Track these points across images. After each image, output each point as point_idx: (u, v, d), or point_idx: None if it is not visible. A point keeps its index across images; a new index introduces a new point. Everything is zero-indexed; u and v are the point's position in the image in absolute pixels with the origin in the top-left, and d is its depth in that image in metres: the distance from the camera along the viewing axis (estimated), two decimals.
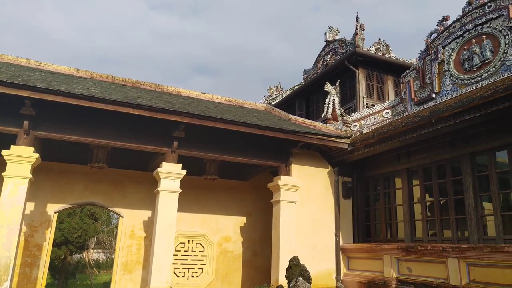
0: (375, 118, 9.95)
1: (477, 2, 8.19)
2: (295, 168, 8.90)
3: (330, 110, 9.78)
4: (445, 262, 6.69)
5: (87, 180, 8.96)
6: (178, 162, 7.78)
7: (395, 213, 8.57)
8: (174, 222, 7.54)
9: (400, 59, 12.78)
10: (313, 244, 8.66)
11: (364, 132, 8.86)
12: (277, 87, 17.57)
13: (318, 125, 9.21)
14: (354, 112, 11.06)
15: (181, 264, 9.47)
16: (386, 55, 12.76)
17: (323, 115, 10.11)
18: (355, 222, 9.28)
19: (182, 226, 9.41)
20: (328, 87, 10.17)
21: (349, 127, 9.33)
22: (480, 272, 6.19)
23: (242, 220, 10.37)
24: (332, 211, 9.07)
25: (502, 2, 7.70)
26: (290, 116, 9.81)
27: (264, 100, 17.03)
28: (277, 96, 17.07)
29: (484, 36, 7.94)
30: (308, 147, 8.95)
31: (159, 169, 7.63)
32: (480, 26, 8.05)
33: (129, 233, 9.06)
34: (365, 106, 12.05)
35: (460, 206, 7.13)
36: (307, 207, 8.82)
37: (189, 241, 9.70)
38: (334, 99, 9.85)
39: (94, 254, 23.85)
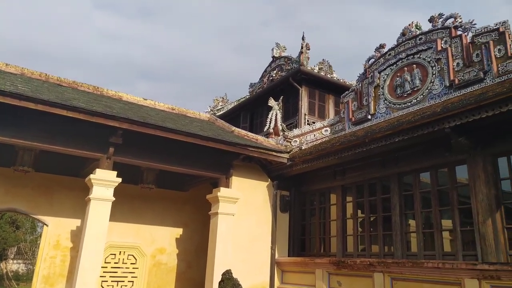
0: (314, 135, 10.29)
1: (410, 33, 8.86)
2: (235, 180, 8.90)
3: (272, 125, 9.97)
4: (372, 276, 7.01)
5: (9, 184, 8.23)
6: (113, 169, 7.44)
7: (329, 228, 8.86)
8: (104, 232, 7.16)
9: (341, 80, 13.42)
10: (249, 257, 8.65)
11: (303, 148, 9.12)
12: (223, 98, 17.61)
13: (260, 138, 9.32)
14: (296, 128, 11.36)
15: (110, 276, 8.98)
16: (328, 75, 13.33)
17: (265, 129, 10.29)
18: (291, 236, 9.44)
19: (114, 236, 8.96)
20: (272, 102, 10.38)
21: (290, 142, 9.55)
22: (402, 286, 6.55)
23: (178, 231, 10.12)
24: (269, 224, 9.16)
25: (432, 36, 8.39)
26: (233, 128, 9.85)
27: (209, 110, 16.97)
28: (223, 107, 17.10)
29: (414, 65, 8.57)
30: (249, 160, 9.01)
31: (91, 176, 7.24)
32: (412, 56, 8.69)
33: (54, 243, 8.44)
34: (306, 123, 12.43)
35: (388, 222, 7.54)
36: (245, 219, 8.83)
37: (120, 252, 9.24)
38: (276, 114, 10.06)
39: (13, 265, 21.85)
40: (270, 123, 10.08)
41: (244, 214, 8.84)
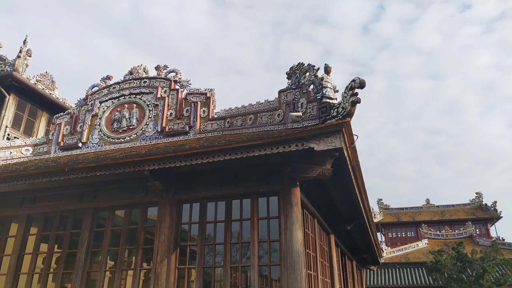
0: (11, 152, 8.79)
1: (137, 74, 9.20)
2: None
3: None
4: None
5: None
6: None
7: None
8: None
9: (62, 100, 12.31)
10: None
11: None
12: None
13: None
14: None
15: None
16: (48, 91, 11.97)
17: None
18: None
19: None
20: None
21: None
22: None
23: None
24: None
25: (155, 82, 8.98)
26: None
27: None
28: None
29: (135, 104, 8.86)
30: None
31: None
32: (134, 96, 8.96)
33: None
34: (6, 137, 10.55)
35: (74, 259, 7.02)
36: None
37: None
38: None
39: None
40: None
41: None
